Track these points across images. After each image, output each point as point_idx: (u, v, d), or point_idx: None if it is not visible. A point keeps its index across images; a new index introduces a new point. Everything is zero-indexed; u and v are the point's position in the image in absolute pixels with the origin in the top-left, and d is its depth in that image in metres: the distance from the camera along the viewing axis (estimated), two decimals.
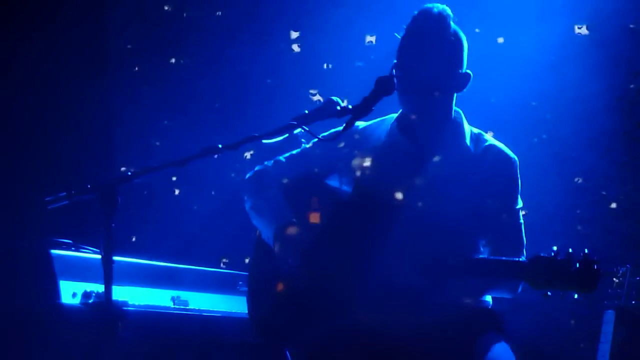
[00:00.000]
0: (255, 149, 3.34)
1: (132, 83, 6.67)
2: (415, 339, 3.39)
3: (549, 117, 5.96)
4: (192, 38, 6.69)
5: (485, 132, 3.71)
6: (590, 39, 5.85)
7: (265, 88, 6.56)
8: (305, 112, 3.32)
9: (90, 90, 6.17)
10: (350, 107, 3.34)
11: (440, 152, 3.56)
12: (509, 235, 3.55)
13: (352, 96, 3.43)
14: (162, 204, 6.57)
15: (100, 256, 3.00)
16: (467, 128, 3.64)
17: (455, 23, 3.55)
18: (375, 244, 3.41)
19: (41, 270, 4.15)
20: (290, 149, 3.81)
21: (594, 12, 5.83)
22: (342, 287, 3.42)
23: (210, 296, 4.78)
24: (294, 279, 3.51)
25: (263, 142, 3.26)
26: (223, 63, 6.62)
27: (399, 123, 3.66)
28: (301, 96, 6.38)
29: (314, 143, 3.76)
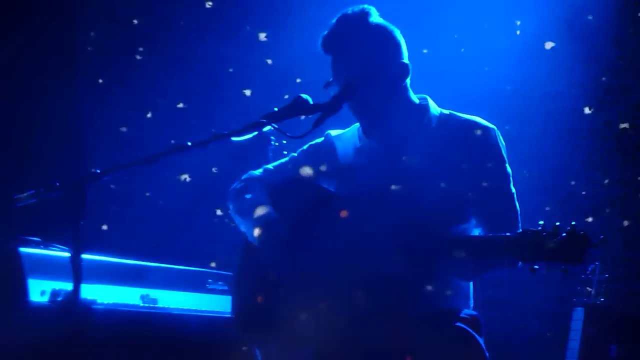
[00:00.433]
0: (224, 146, 3.31)
1: (100, 81, 6.65)
2: (401, 332, 3.37)
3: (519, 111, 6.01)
4: (160, 36, 6.68)
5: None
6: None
7: (235, 86, 6.56)
8: (275, 110, 3.32)
9: (59, 88, 6.14)
10: (319, 104, 3.36)
11: (409, 143, 3.55)
12: (500, 206, 3.48)
13: (324, 95, 3.43)
14: (130, 201, 6.56)
15: (69, 254, 2.99)
16: (437, 111, 3.62)
17: (391, 20, 3.56)
18: (359, 238, 3.40)
19: (10, 268, 4.13)
20: (259, 147, 3.81)
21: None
22: (326, 281, 3.43)
23: (180, 294, 4.77)
24: (279, 274, 3.51)
25: (232, 139, 3.25)
26: (192, 61, 6.62)
27: (362, 127, 3.67)
28: (271, 95, 6.39)
29: (300, 151, 3.80)
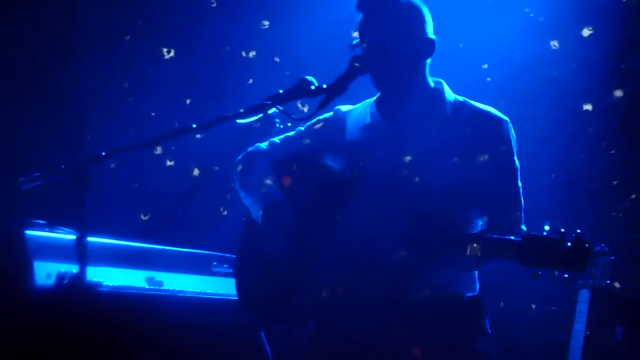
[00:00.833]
0: (229, 129, 3.31)
1: (103, 64, 6.65)
2: (403, 313, 3.38)
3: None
4: (163, 19, 6.67)
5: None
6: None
7: (239, 68, 6.55)
8: (279, 92, 3.31)
9: (62, 71, 6.14)
10: (324, 86, 3.35)
11: (421, 127, 3.53)
12: (505, 200, 3.47)
13: (328, 76, 3.42)
14: (136, 184, 6.56)
15: (74, 237, 2.99)
16: (451, 97, 3.60)
17: None
18: (361, 222, 3.40)
19: (15, 251, 4.13)
20: (264, 129, 3.80)
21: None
22: (326, 263, 3.43)
23: (185, 277, 4.78)
24: (282, 255, 3.51)
25: (237, 122, 3.25)
26: (195, 43, 6.61)
27: (377, 104, 3.65)
28: (276, 76, 6.39)
29: (308, 125, 3.78)
